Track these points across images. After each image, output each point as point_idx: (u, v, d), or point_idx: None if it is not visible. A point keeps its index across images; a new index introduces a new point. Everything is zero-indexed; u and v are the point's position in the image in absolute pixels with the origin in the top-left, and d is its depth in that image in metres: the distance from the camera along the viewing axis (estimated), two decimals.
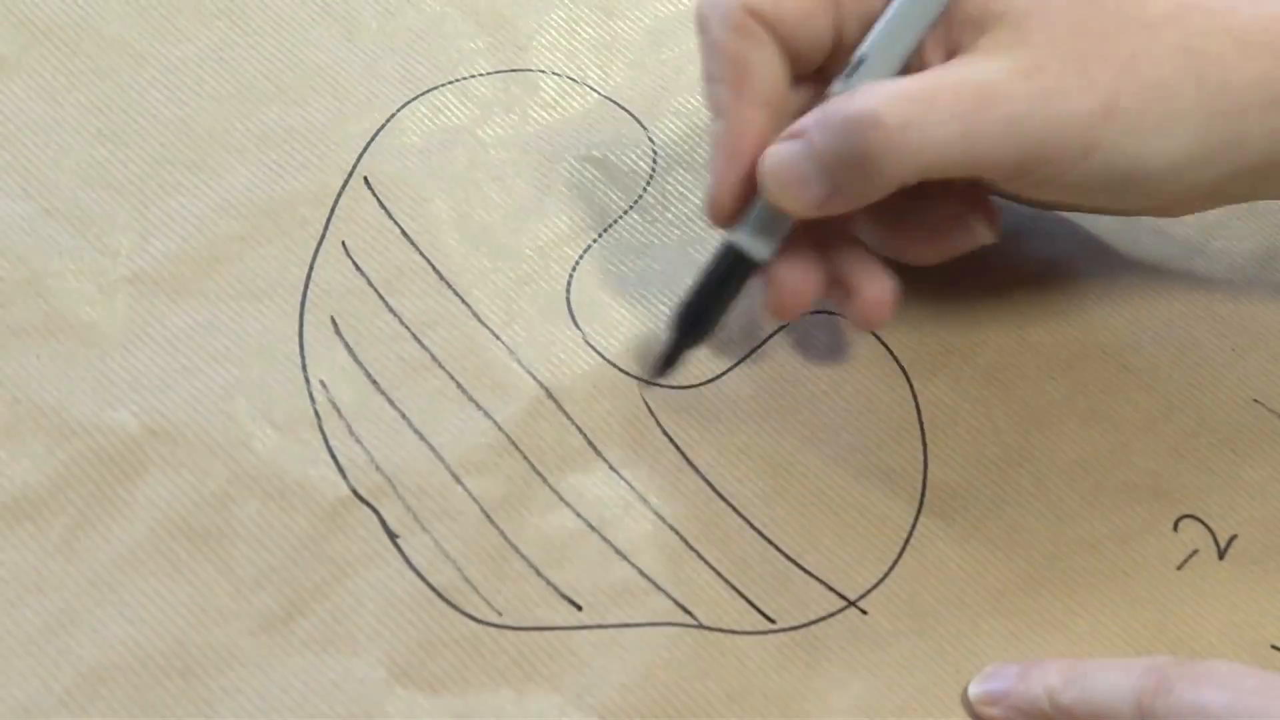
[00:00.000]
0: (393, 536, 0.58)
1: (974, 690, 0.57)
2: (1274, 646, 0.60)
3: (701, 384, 0.63)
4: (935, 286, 0.65)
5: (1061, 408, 0.63)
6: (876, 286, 0.60)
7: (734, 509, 0.60)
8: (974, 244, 0.62)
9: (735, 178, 0.59)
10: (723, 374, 0.63)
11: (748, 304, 0.62)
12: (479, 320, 0.63)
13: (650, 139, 0.68)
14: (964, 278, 0.65)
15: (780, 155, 0.57)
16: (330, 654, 0.55)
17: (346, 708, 0.54)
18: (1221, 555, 0.61)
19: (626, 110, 0.69)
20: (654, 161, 0.68)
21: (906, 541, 0.60)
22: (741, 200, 0.59)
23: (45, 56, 0.67)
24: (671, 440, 0.61)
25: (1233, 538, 0.61)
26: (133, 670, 0.54)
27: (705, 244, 0.65)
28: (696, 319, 0.60)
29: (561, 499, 0.59)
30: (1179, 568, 0.61)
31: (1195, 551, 0.61)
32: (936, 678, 0.57)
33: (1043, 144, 0.55)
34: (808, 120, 0.57)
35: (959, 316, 0.65)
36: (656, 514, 0.59)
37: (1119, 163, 0.56)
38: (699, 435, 0.62)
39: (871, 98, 0.54)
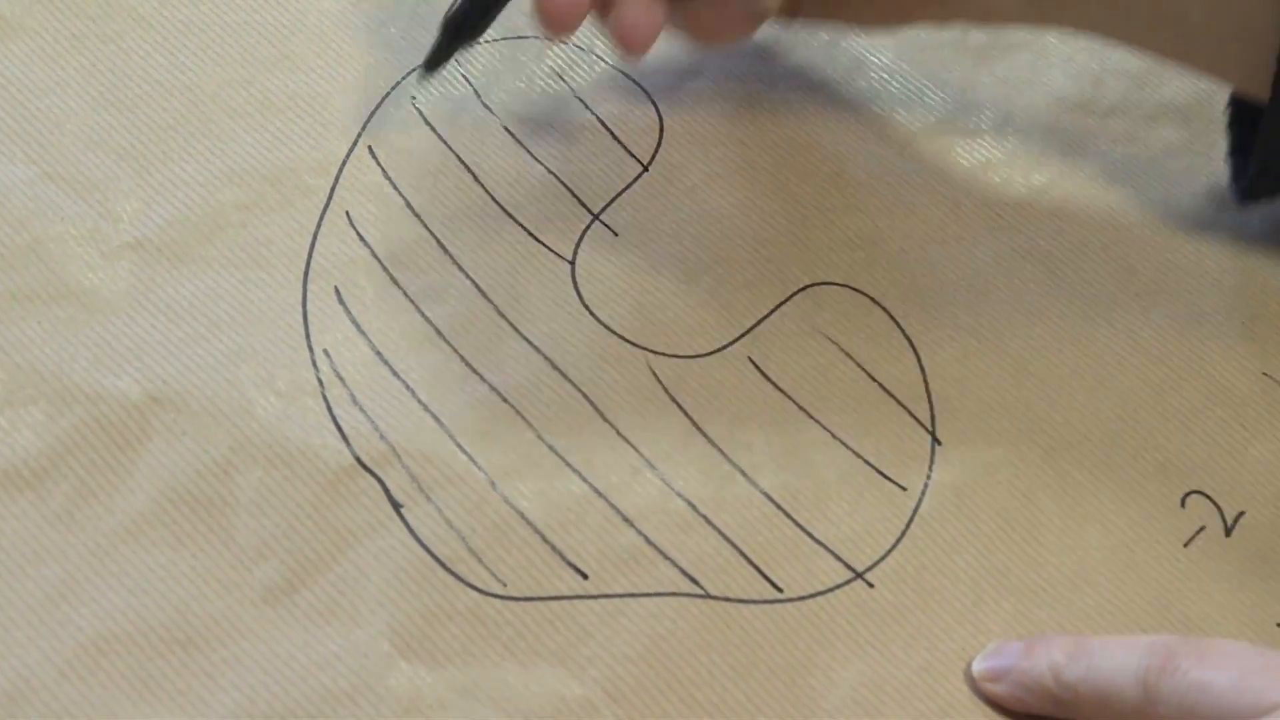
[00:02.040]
0: (396, 506, 0.58)
1: (978, 666, 0.57)
2: None
3: (710, 354, 0.63)
4: (943, 262, 0.66)
5: (1070, 380, 0.64)
6: (639, 10, 0.62)
7: (743, 473, 0.60)
8: (759, 11, 0.64)
9: None
10: (730, 344, 0.63)
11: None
12: (482, 294, 0.63)
13: (657, 110, 0.69)
14: (972, 253, 0.67)
15: None
16: (333, 625, 0.55)
17: (349, 681, 0.54)
18: (1228, 532, 0.62)
19: (634, 80, 0.69)
20: (661, 132, 0.68)
21: (914, 513, 0.61)
22: None
23: (48, 18, 0.67)
24: (680, 406, 0.61)
25: (1240, 514, 0.62)
26: (134, 641, 0.54)
27: (713, 213, 0.66)
28: (462, 24, 0.64)
29: (567, 464, 0.60)
30: (1185, 545, 0.61)
31: (1202, 528, 0.62)
32: (941, 655, 0.58)
33: None
34: None
35: (966, 290, 0.66)
36: (664, 480, 0.60)
37: None
38: (707, 402, 0.62)
39: None
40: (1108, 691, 0.53)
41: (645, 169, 0.67)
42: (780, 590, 0.58)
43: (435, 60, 0.64)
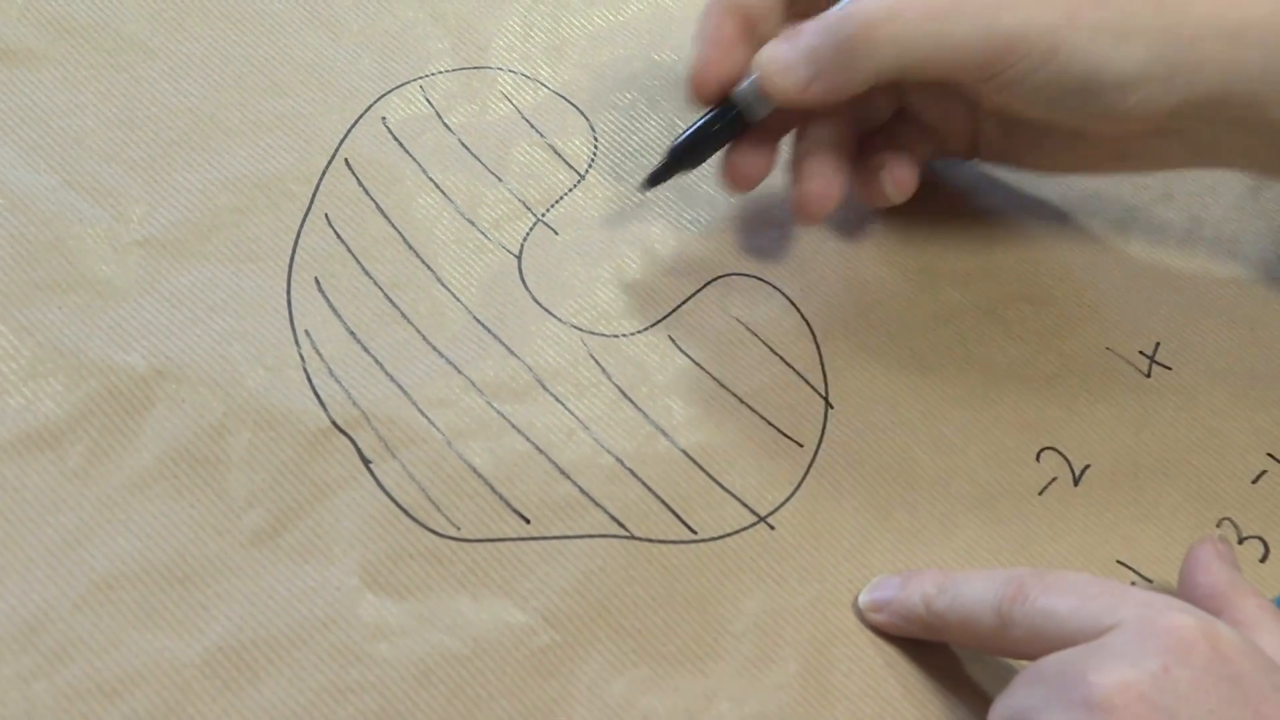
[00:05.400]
0: (366, 462, 0.61)
1: (863, 599, 0.61)
2: (1119, 562, 0.64)
3: (635, 333, 0.67)
4: (838, 260, 0.71)
5: (943, 355, 0.69)
6: (823, 182, 0.66)
7: (664, 433, 0.64)
8: (879, 201, 0.68)
9: (720, 65, 0.65)
10: (654, 324, 0.67)
11: (671, 268, 0.69)
12: (441, 284, 0.67)
13: (592, 128, 0.73)
14: (857, 252, 0.71)
15: (774, 46, 0.63)
16: (310, 564, 0.59)
17: (324, 611, 0.58)
18: (1076, 482, 0.66)
19: (572, 103, 0.74)
20: (595, 147, 0.73)
21: (810, 466, 0.65)
22: (723, 85, 0.65)
23: (70, 51, 0.70)
24: (609, 378, 0.65)
25: (1086, 467, 0.66)
26: (139, 579, 0.57)
27: (639, 216, 0.71)
28: (686, 154, 0.66)
29: (513, 426, 0.63)
30: (1040, 493, 0.66)
31: (1054, 479, 0.66)
32: (832, 586, 0.62)
33: (1008, 43, 0.59)
34: (804, 24, 0.62)
35: (857, 277, 0.71)
36: (595, 439, 0.63)
37: (1078, 67, 0.59)
38: (634, 373, 0.66)
39: (859, 3, 0.60)
40: (969, 618, 0.57)
41: (582, 177, 0.71)
42: (695, 532, 0.62)
43: (655, 180, 0.67)
